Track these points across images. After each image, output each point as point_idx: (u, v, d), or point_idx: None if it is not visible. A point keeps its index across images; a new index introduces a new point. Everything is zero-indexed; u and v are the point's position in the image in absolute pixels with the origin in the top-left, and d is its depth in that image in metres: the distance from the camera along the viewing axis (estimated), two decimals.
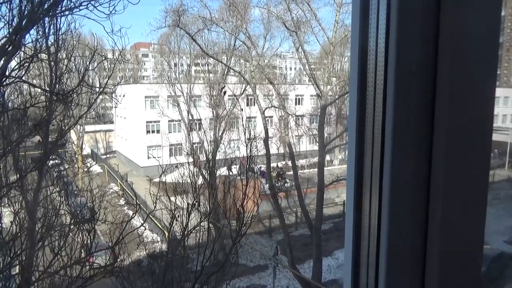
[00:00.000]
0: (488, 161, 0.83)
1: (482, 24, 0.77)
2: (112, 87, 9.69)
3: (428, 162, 0.81)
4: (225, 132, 24.92)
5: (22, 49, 6.07)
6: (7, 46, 5.34)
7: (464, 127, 0.79)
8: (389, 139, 0.78)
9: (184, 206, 8.49)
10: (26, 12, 5.40)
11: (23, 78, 6.16)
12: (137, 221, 12.76)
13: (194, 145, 24.46)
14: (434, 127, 0.79)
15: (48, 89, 7.03)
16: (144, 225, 8.77)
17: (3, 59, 5.37)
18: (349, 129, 0.86)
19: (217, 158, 23.09)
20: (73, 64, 7.40)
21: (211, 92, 25.38)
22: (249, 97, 27.24)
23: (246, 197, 8.44)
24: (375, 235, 0.82)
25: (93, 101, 8.07)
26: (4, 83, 5.91)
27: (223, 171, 20.52)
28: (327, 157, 32.37)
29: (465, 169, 0.81)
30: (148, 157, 35.22)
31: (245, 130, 11.58)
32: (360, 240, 0.86)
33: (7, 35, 5.43)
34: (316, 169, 22.81)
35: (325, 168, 20.56)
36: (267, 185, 21.47)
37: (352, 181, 0.86)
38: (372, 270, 0.84)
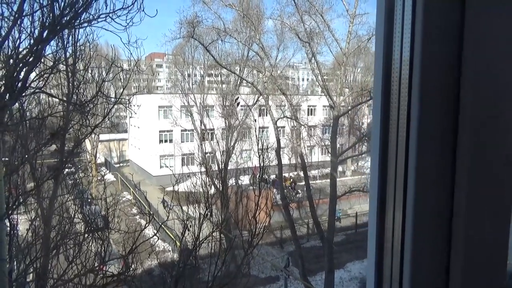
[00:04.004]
0: None
1: (507, 30, 0.76)
2: (127, 98, 9.84)
3: (452, 173, 0.80)
4: (237, 142, 25.01)
5: (42, 60, 6.23)
6: (28, 57, 5.49)
7: (490, 136, 0.78)
8: (413, 149, 0.77)
9: (196, 216, 8.49)
10: (47, 24, 5.56)
11: (42, 88, 6.31)
12: (149, 230, 12.81)
13: (206, 155, 24.57)
14: (458, 137, 0.79)
15: (65, 99, 7.18)
16: (156, 234, 8.79)
17: (24, 70, 5.52)
18: (373, 139, 0.86)
19: (229, 168, 23.13)
20: (90, 75, 7.56)
21: (224, 102, 25.58)
22: (262, 108, 27.34)
23: (258, 208, 8.41)
24: (399, 250, 0.81)
25: (108, 111, 8.20)
26: (24, 94, 6.06)
27: (234, 181, 20.54)
28: (340, 168, 32.10)
29: (490, 179, 0.80)
30: (161, 166, 35.48)
31: (257, 140, 11.60)
32: (383, 255, 0.85)
33: (28, 46, 5.59)
34: (328, 180, 22.63)
35: (337, 179, 20.37)
36: (279, 195, 21.38)
37: (376, 193, 0.85)
38: (395, 286, 0.83)
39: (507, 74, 0.78)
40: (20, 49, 5.66)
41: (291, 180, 31.95)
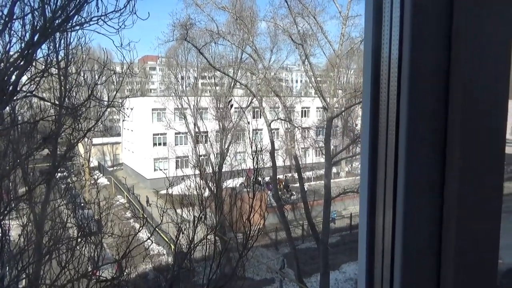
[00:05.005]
0: (502, 170, 0.82)
1: (496, 30, 0.77)
2: (120, 101, 9.79)
3: (442, 173, 0.80)
4: (231, 144, 25.00)
5: (33, 64, 6.17)
6: (19, 61, 5.44)
7: (480, 136, 0.79)
8: (403, 149, 0.77)
9: (191, 219, 8.46)
10: (38, 27, 5.52)
11: (34, 92, 6.25)
12: (143, 234, 12.73)
13: (200, 158, 24.51)
14: (447, 137, 0.79)
15: (57, 102, 7.12)
16: (150, 238, 8.74)
17: (15, 73, 5.47)
18: (362, 140, 0.86)
19: (223, 170, 23.10)
20: (83, 78, 7.51)
21: (218, 104, 25.58)
22: (256, 110, 27.39)
23: (252, 210, 8.39)
24: (389, 251, 0.81)
25: (101, 114, 8.15)
26: (15, 98, 6.00)
27: (229, 183, 20.51)
28: (334, 170, 32.20)
29: (479, 180, 0.80)
30: (155, 170, 35.32)
31: (251, 142, 11.60)
32: (374, 256, 0.85)
33: (19, 50, 5.54)
34: (322, 182, 22.69)
35: (331, 181, 20.43)
36: (273, 197, 21.39)
37: (366, 194, 0.85)
38: (386, 287, 0.83)
39: (496, 73, 0.79)
40: (11, 53, 5.62)
41: (283, 182, 31.90)
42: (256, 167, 10.27)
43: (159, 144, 37.44)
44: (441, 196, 0.80)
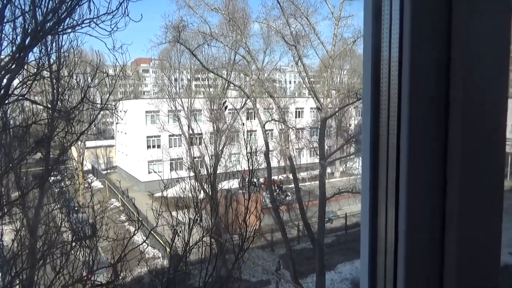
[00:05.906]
0: (503, 169, 0.82)
1: (494, 28, 0.77)
2: (113, 103, 9.73)
3: (444, 171, 0.80)
4: (226, 146, 24.96)
5: (25, 67, 6.11)
6: (10, 64, 5.39)
7: (480, 135, 0.79)
8: (404, 148, 0.77)
9: (186, 221, 8.42)
10: (29, 30, 5.47)
11: (26, 95, 6.19)
12: (138, 237, 12.63)
13: (195, 160, 24.44)
14: (448, 136, 0.79)
15: (50, 106, 7.06)
16: (146, 241, 8.68)
17: (6, 77, 5.40)
18: (364, 141, 0.85)
19: (218, 172, 23.05)
20: (75, 81, 7.45)
21: (212, 106, 25.53)
22: (250, 111, 27.36)
23: (248, 211, 8.37)
24: (392, 250, 0.81)
25: (94, 117, 8.09)
26: (7, 101, 5.93)
27: (224, 185, 20.48)
28: (328, 170, 32.27)
29: (481, 176, 0.80)
30: (149, 172, 35.13)
31: (246, 144, 11.58)
32: (377, 256, 0.85)
33: (11, 54, 5.48)
34: (317, 182, 22.74)
35: (326, 181, 20.48)
36: (269, 198, 21.39)
37: (367, 193, 0.85)
38: (390, 286, 0.82)
39: (496, 72, 0.79)
40: (2, 56, 5.55)
41: (277, 182, 31.75)
42: (251, 168, 10.26)
43: (153, 146, 37.28)
44: (443, 195, 0.80)
